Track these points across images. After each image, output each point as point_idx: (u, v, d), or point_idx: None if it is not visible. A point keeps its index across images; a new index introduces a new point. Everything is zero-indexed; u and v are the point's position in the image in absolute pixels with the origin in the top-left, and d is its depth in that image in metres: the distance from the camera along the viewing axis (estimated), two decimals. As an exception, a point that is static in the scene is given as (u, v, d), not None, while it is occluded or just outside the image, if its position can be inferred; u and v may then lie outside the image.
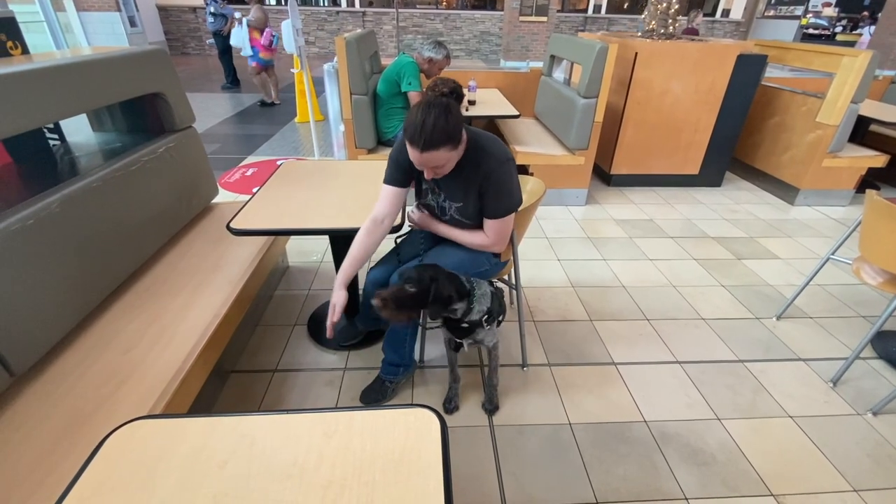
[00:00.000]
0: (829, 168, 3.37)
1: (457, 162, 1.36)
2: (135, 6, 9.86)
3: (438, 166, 1.30)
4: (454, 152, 1.29)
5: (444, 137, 1.22)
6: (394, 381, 1.74)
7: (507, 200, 1.43)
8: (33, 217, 1.27)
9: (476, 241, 1.51)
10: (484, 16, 11.89)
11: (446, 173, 1.36)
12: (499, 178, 1.38)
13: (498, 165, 1.37)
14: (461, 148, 1.33)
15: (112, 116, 2.08)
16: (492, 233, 1.48)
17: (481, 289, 1.40)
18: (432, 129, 1.20)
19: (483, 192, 1.40)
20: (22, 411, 1.16)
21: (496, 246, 1.52)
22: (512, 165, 1.42)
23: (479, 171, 1.37)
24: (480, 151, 1.38)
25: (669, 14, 3.66)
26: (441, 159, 1.27)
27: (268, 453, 0.75)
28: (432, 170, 1.32)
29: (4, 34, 1.57)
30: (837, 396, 1.80)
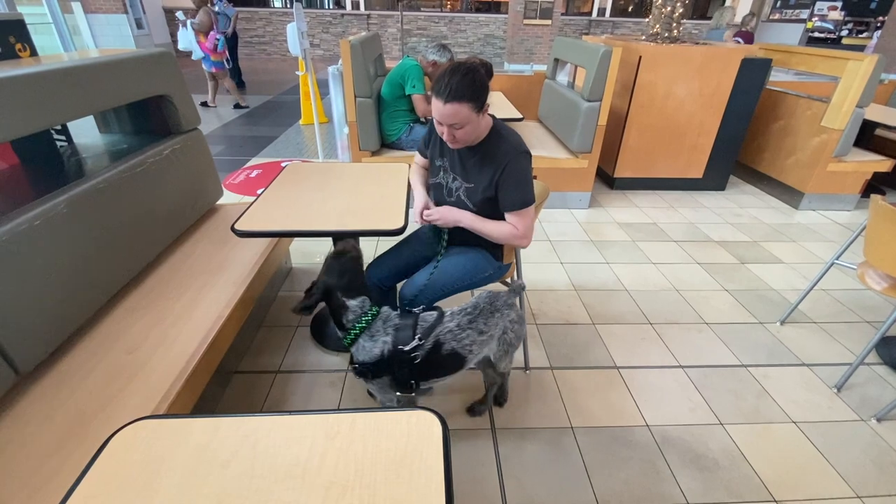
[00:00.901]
0: (833, 172, 3.36)
1: (477, 143, 1.41)
2: (141, 8, 9.94)
3: (458, 127, 1.30)
4: (475, 114, 1.29)
5: (468, 92, 1.25)
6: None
7: (526, 191, 1.41)
8: (41, 217, 1.28)
9: (505, 231, 1.44)
10: (488, 18, 11.92)
11: (464, 142, 1.38)
12: (516, 168, 1.38)
13: (516, 154, 1.38)
14: (483, 119, 1.35)
15: (119, 118, 2.10)
16: (519, 225, 1.43)
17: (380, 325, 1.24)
18: (459, 82, 1.24)
19: (501, 182, 1.39)
20: (27, 409, 1.17)
21: (525, 239, 1.45)
22: (528, 159, 1.42)
23: (497, 159, 1.38)
24: (501, 139, 1.40)
25: (674, 18, 3.66)
26: (461, 116, 1.27)
27: (270, 454, 0.76)
28: (451, 131, 1.32)
29: (13, 36, 1.59)
30: (842, 402, 1.79)
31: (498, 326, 1.35)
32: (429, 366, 1.24)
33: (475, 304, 1.33)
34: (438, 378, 1.34)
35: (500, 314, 1.35)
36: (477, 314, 1.31)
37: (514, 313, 1.40)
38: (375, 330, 1.22)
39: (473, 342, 1.28)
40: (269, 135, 5.24)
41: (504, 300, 1.38)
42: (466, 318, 1.29)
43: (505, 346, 1.41)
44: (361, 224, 1.58)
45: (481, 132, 1.40)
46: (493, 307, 1.34)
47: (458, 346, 1.26)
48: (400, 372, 1.22)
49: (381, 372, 1.23)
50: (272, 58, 11.95)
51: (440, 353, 1.24)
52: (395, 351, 1.20)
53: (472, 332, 1.28)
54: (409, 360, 1.21)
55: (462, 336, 1.27)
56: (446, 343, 1.25)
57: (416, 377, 1.25)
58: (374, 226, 1.56)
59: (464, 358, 1.29)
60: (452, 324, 1.27)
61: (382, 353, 1.21)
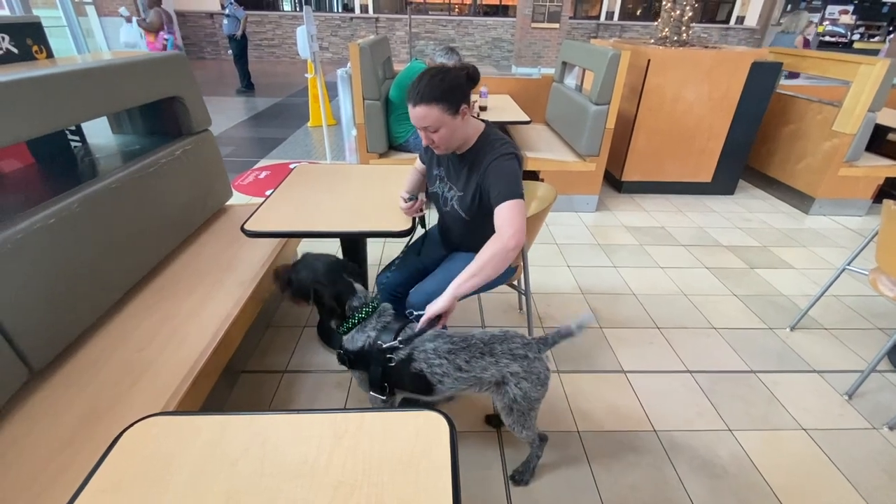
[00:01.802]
0: (845, 177, 3.33)
1: (466, 150, 1.39)
2: (154, 12, 10.05)
3: (433, 130, 1.28)
4: (448, 117, 1.26)
5: (437, 94, 1.23)
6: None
7: (509, 183, 1.30)
8: (55, 216, 1.30)
9: (494, 249, 1.24)
10: (496, 22, 11.95)
11: (447, 147, 1.35)
12: (498, 166, 1.32)
13: (499, 157, 1.33)
14: (466, 124, 1.33)
15: (131, 119, 2.12)
16: (504, 224, 1.26)
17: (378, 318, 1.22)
18: (427, 84, 1.23)
19: (484, 184, 1.35)
20: (39, 406, 1.19)
21: (513, 238, 1.24)
22: (513, 159, 1.34)
23: (481, 164, 1.36)
24: (487, 145, 1.37)
25: (683, 21, 3.65)
26: (432, 118, 1.25)
27: (279, 452, 0.76)
28: (427, 134, 1.31)
29: (30, 38, 1.62)
30: (853, 410, 1.77)
31: (488, 371, 1.18)
32: (399, 375, 1.20)
33: (467, 338, 1.21)
34: (417, 393, 1.25)
35: (497, 362, 1.18)
36: (461, 348, 1.18)
37: (518, 367, 1.19)
38: (368, 322, 1.21)
39: (446, 374, 1.17)
40: (278, 136, 5.28)
41: (510, 348, 1.19)
42: (446, 347, 1.18)
43: (507, 401, 1.23)
44: (368, 225, 1.59)
45: (468, 137, 1.38)
46: (490, 349, 1.18)
47: (427, 370, 1.17)
48: (374, 370, 1.19)
49: (358, 365, 1.21)
50: (281, 60, 12.05)
51: (409, 367, 1.18)
52: (373, 346, 1.19)
53: (448, 365, 1.17)
54: (384, 361, 1.18)
55: (434, 362, 1.17)
56: (417, 361, 1.18)
57: (388, 381, 1.21)
58: (381, 227, 1.57)
59: (431, 384, 1.19)
60: (431, 345, 1.19)
61: (364, 346, 1.19)
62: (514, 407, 1.24)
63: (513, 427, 1.30)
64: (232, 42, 7.60)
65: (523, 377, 1.20)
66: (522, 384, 1.20)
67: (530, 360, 1.20)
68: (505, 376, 1.20)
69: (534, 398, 1.23)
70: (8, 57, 1.56)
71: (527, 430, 1.31)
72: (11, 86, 1.22)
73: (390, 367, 1.18)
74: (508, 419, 1.28)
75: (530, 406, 1.25)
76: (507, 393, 1.21)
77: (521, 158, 1.38)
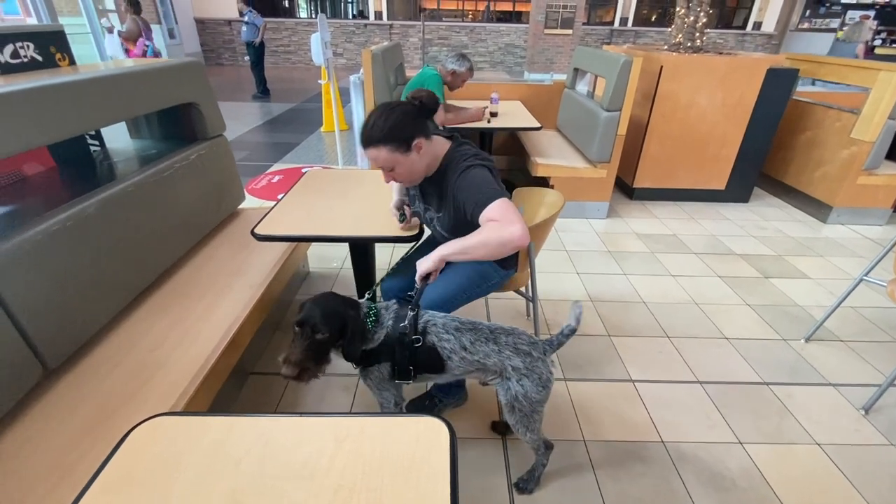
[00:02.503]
0: (864, 186, 3.25)
1: (434, 172, 1.37)
2: (174, 19, 10.33)
3: (387, 168, 1.29)
4: (400, 155, 1.25)
5: (379, 136, 1.23)
6: (443, 402, 1.70)
7: (480, 191, 1.26)
8: (72, 219, 1.34)
9: (490, 232, 1.21)
10: (509, 28, 11.99)
11: (410, 180, 1.36)
12: (462, 184, 1.29)
13: (459, 174, 1.30)
14: (426, 153, 1.30)
15: (149, 124, 2.18)
16: (495, 215, 1.22)
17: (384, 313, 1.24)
18: (371, 126, 1.24)
19: (459, 205, 1.32)
20: (53, 403, 1.22)
21: (508, 223, 1.19)
22: (476, 167, 1.29)
23: (448, 188, 1.34)
24: (451, 165, 1.34)
25: (697, 27, 3.63)
26: (384, 160, 1.25)
27: (282, 454, 0.77)
28: (385, 172, 1.31)
29: (53, 46, 1.68)
30: (869, 425, 1.72)
31: (490, 359, 1.20)
32: (422, 355, 1.22)
33: (475, 323, 1.24)
34: (429, 373, 1.27)
35: (500, 350, 1.20)
36: (468, 329, 1.22)
37: (520, 362, 1.20)
38: (380, 318, 1.23)
39: (453, 351, 1.20)
40: (292, 141, 5.36)
41: (514, 342, 1.21)
42: (454, 325, 1.23)
43: (510, 398, 1.23)
44: (377, 230, 1.60)
45: (433, 161, 1.35)
46: (494, 338, 1.21)
47: (439, 345, 1.21)
48: (401, 354, 1.20)
49: (382, 358, 1.22)
50: (296, 66, 12.24)
51: (425, 343, 1.21)
52: (395, 331, 1.20)
53: (455, 341, 1.20)
54: (410, 344, 1.20)
55: (443, 336, 1.21)
56: (430, 335, 1.21)
57: (415, 363, 1.22)
58: (389, 232, 1.58)
59: (442, 361, 1.22)
60: (441, 321, 1.23)
61: (387, 335, 1.20)
62: (516, 406, 1.24)
63: (517, 427, 1.30)
64: (249, 48, 7.75)
65: (525, 374, 1.20)
66: (524, 382, 1.21)
67: (533, 359, 1.21)
68: (506, 369, 1.21)
69: (535, 399, 1.23)
70: (32, 64, 1.62)
71: (531, 433, 1.31)
72: (34, 92, 1.26)
73: (416, 348, 1.20)
74: (512, 418, 1.28)
75: (532, 408, 1.25)
76: (509, 389, 1.23)
77: (488, 163, 1.33)
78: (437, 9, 12.56)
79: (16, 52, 1.54)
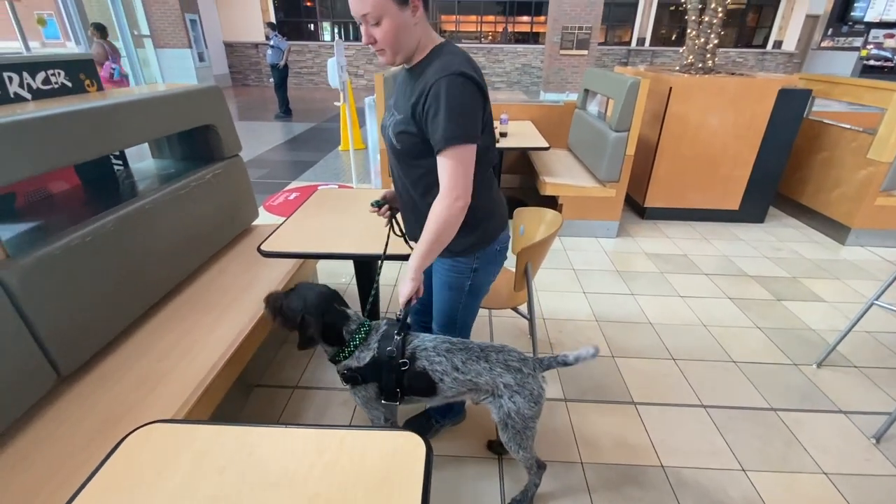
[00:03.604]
0: (883, 207, 3.17)
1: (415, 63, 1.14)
2: (204, 43, 10.84)
3: (373, 22, 1.03)
4: (392, 4, 1.01)
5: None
6: (440, 422, 1.71)
7: (459, 119, 1.05)
8: (92, 234, 1.43)
9: (442, 217, 1.10)
10: (526, 49, 12.18)
11: (392, 49, 1.08)
12: (443, 92, 1.03)
13: (444, 76, 1.04)
14: (419, 27, 1.08)
15: (170, 145, 2.30)
16: (446, 185, 1.08)
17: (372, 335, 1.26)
18: None
19: (426, 112, 1.07)
20: (65, 409, 1.28)
21: (459, 201, 1.09)
22: (465, 83, 1.05)
23: (422, 82, 1.08)
24: (436, 59, 1.10)
25: (707, 49, 3.64)
26: (371, 3, 1.00)
27: (263, 463, 0.81)
28: (367, 30, 1.06)
29: (83, 73, 1.81)
30: (880, 454, 1.66)
31: (482, 377, 1.21)
32: (409, 378, 1.22)
33: (466, 342, 1.26)
34: (420, 395, 1.28)
35: (491, 369, 1.21)
36: (459, 349, 1.23)
37: (511, 378, 1.21)
38: (369, 338, 1.25)
39: (445, 372, 1.21)
40: (310, 160, 5.52)
41: (505, 359, 1.22)
42: (445, 346, 1.24)
43: (502, 415, 1.24)
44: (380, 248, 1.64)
45: (422, 46, 1.12)
46: (485, 356, 1.22)
47: (429, 367, 1.21)
48: (387, 376, 1.22)
49: (369, 377, 1.24)
50: (318, 87, 12.64)
51: (414, 367, 1.22)
52: (383, 354, 1.21)
53: (446, 363, 1.21)
54: (397, 367, 1.21)
55: (434, 359, 1.21)
56: (420, 360, 1.22)
57: (401, 386, 1.23)
58: (393, 250, 1.61)
59: (433, 384, 1.22)
60: (431, 344, 1.24)
61: (372, 358, 1.22)
62: (509, 423, 1.25)
63: (509, 445, 1.31)
64: (274, 70, 8.08)
65: (516, 391, 1.21)
66: (516, 398, 1.21)
67: (524, 375, 1.22)
68: (498, 386, 1.22)
69: (527, 416, 1.24)
70: (61, 90, 1.75)
71: (524, 450, 1.32)
72: (62, 117, 1.36)
73: (403, 371, 1.21)
74: (504, 435, 1.29)
75: (525, 424, 1.25)
76: (501, 406, 1.23)
77: (480, 83, 1.09)
78: (456, 30, 12.86)
79: (47, 79, 1.67)
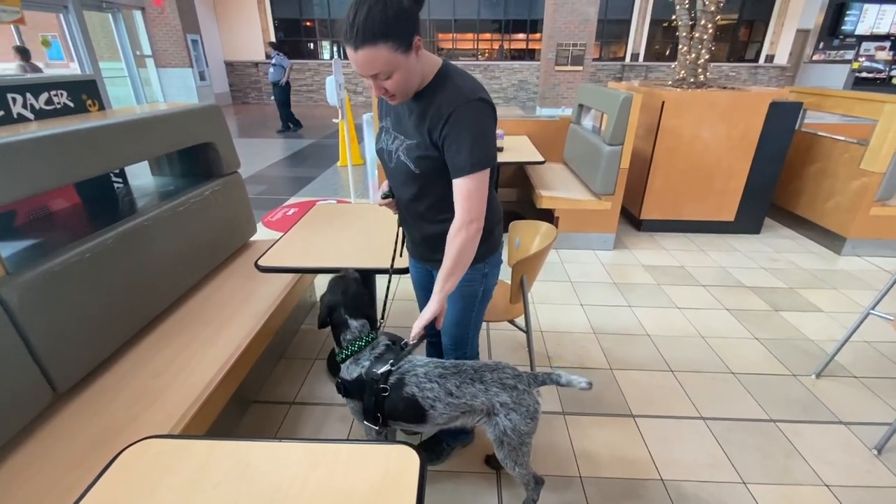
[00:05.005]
0: (878, 217, 3.20)
1: (421, 89, 1.12)
2: (205, 62, 11.02)
3: (384, 75, 1.02)
4: (401, 56, 1.00)
5: (380, 29, 0.95)
6: (451, 445, 1.68)
7: (483, 144, 1.09)
8: (91, 251, 1.44)
9: (461, 243, 1.13)
10: (522, 66, 12.38)
11: (403, 94, 1.09)
12: (467, 118, 1.06)
13: (466, 102, 1.06)
14: (422, 60, 1.07)
15: (169, 162, 2.33)
16: (463, 209, 1.12)
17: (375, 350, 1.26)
18: (366, 17, 0.95)
19: (445, 137, 1.09)
20: (60, 426, 1.28)
21: (474, 225, 1.13)
22: (486, 108, 1.09)
23: (441, 107, 1.08)
24: (448, 82, 1.10)
25: (699, 64, 3.71)
26: (381, 61, 0.98)
27: (257, 478, 0.81)
28: (378, 84, 1.05)
29: (85, 94, 1.85)
30: (882, 465, 1.64)
31: (478, 399, 1.19)
32: (392, 403, 1.20)
33: (458, 364, 1.24)
34: (409, 423, 1.26)
35: (486, 389, 1.19)
36: (452, 373, 1.21)
37: (508, 397, 1.19)
38: (362, 354, 1.26)
39: (437, 399, 1.18)
40: (309, 175, 5.57)
41: (500, 377, 1.21)
42: (437, 371, 1.21)
43: (498, 433, 1.23)
44: (378, 262, 1.65)
45: (425, 75, 1.11)
46: (480, 377, 1.21)
47: (419, 395, 1.18)
48: (368, 399, 1.21)
49: (354, 394, 1.24)
50: (318, 105, 12.80)
51: (401, 392, 1.19)
52: (368, 376, 1.21)
53: (439, 389, 1.19)
54: (378, 391, 1.19)
55: (425, 385, 1.19)
56: (409, 385, 1.19)
57: (382, 411, 1.21)
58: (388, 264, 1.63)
59: (424, 410, 1.20)
60: (423, 370, 1.21)
61: (359, 376, 1.23)
62: (505, 440, 1.23)
63: (505, 462, 1.30)
64: (276, 88, 8.21)
65: (512, 408, 1.20)
66: (512, 416, 1.20)
67: (519, 392, 1.21)
68: (494, 406, 1.20)
69: (524, 432, 1.23)
70: (63, 110, 1.78)
71: (520, 466, 1.30)
72: (63, 137, 1.39)
73: (383, 397, 1.20)
74: (500, 453, 1.28)
75: (521, 440, 1.24)
76: (497, 424, 1.22)
77: (494, 106, 1.12)
78: (453, 48, 13.08)
79: (49, 100, 1.70)
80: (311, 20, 12.80)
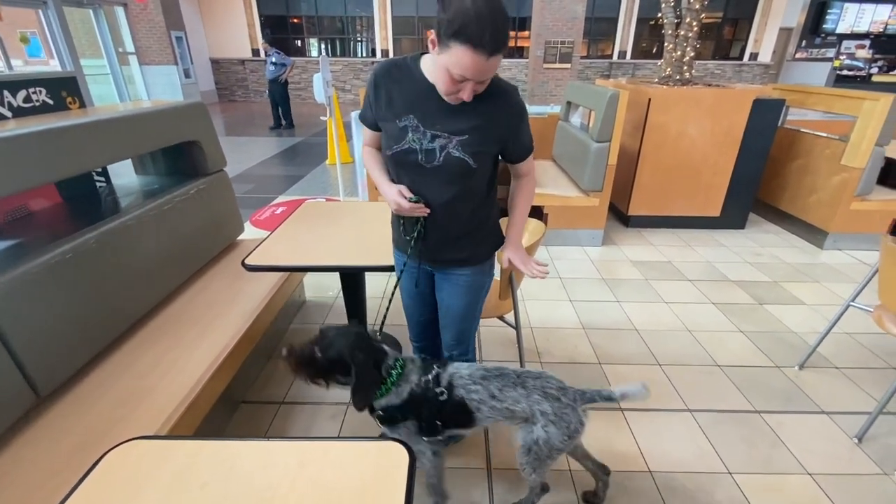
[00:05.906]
0: (858, 211, 3.27)
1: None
2: (190, 60, 10.85)
3: (482, 80, 1.04)
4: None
5: (507, 37, 0.99)
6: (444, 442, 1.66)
7: (530, 139, 1.28)
8: (72, 251, 1.42)
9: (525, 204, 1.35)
10: (511, 63, 12.39)
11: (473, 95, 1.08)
12: (521, 107, 1.20)
13: (516, 91, 1.19)
14: None
15: (153, 161, 2.29)
16: (531, 172, 1.33)
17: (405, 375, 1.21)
18: (502, 28, 0.92)
19: (514, 126, 1.19)
20: (43, 429, 1.26)
21: (532, 178, 1.35)
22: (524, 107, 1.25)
23: (499, 100, 1.14)
24: (499, 81, 1.16)
25: (684, 61, 3.75)
26: (495, 67, 1.01)
27: (246, 477, 0.80)
28: (471, 87, 1.04)
29: (65, 91, 1.81)
30: (863, 454, 1.68)
31: (519, 404, 1.19)
32: (448, 410, 1.20)
33: (500, 369, 1.24)
34: (459, 427, 1.26)
35: (528, 395, 1.19)
36: (494, 376, 1.22)
37: (549, 407, 1.17)
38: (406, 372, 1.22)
39: (482, 401, 1.19)
40: (298, 174, 5.52)
41: (542, 385, 1.20)
42: (480, 374, 1.23)
43: (529, 441, 1.21)
44: (368, 260, 1.65)
45: None
46: (522, 382, 1.20)
47: (466, 396, 1.19)
48: (428, 409, 1.19)
49: (408, 414, 1.21)
50: (306, 102, 12.67)
51: (452, 397, 1.19)
52: (420, 387, 1.19)
53: (483, 391, 1.19)
54: (435, 399, 1.18)
55: (470, 388, 1.20)
56: (457, 388, 1.20)
57: (442, 419, 1.20)
58: (379, 261, 1.62)
59: (471, 412, 1.20)
60: (467, 372, 1.23)
61: (412, 391, 1.19)
62: (534, 449, 1.21)
63: (524, 467, 1.27)
64: (274, 85, 8.12)
65: (553, 420, 1.17)
66: (550, 428, 1.17)
67: (562, 405, 1.18)
68: (535, 413, 1.18)
69: (556, 447, 1.20)
70: (42, 108, 1.74)
71: (537, 474, 1.29)
72: (41, 135, 1.36)
73: (442, 402, 1.18)
74: (523, 458, 1.25)
75: (550, 454, 1.22)
76: (531, 432, 1.20)
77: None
78: (441, 46, 13.03)
79: (28, 97, 1.66)
80: (299, 17, 12.66)
